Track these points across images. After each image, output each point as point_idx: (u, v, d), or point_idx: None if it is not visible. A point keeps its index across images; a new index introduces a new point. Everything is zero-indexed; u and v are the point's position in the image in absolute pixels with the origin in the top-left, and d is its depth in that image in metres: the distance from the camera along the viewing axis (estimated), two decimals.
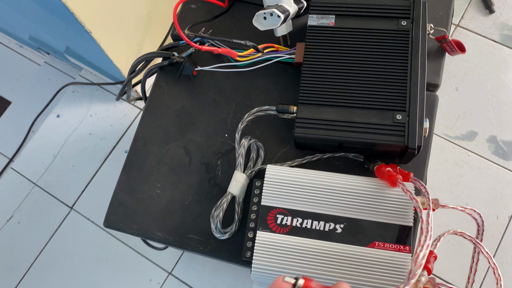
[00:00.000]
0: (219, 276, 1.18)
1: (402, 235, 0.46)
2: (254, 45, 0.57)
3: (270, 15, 0.53)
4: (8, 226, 1.30)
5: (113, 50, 1.08)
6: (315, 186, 0.49)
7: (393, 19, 0.53)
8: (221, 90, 0.60)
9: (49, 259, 1.26)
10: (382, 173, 0.48)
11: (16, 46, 1.57)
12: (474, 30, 1.36)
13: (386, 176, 0.47)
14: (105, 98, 1.41)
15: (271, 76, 0.60)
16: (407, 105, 0.49)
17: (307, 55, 0.53)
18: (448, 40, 0.56)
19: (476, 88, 1.29)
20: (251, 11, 0.58)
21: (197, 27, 0.62)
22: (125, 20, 1.08)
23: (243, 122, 0.55)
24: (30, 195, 1.33)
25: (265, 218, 0.48)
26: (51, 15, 0.99)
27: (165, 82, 0.62)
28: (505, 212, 1.18)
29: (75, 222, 1.29)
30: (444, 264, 1.15)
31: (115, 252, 1.24)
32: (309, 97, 0.51)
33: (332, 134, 0.49)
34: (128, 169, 0.59)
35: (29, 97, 1.48)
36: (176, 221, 0.55)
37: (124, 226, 0.56)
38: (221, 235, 0.52)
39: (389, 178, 0.47)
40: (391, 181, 0.46)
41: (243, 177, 0.53)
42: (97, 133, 1.37)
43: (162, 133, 0.59)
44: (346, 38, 0.53)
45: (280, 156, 0.56)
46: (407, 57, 0.51)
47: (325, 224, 0.47)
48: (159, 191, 0.57)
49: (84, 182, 1.33)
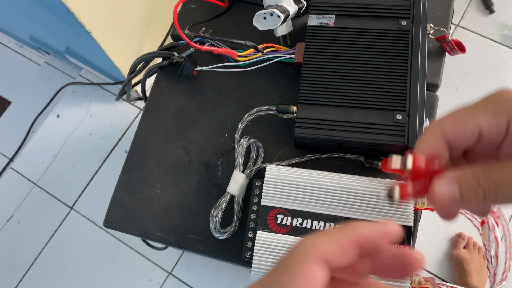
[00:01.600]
0: (219, 276, 1.18)
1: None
2: (254, 45, 0.57)
3: (270, 15, 0.53)
4: (8, 226, 1.31)
5: (113, 50, 1.08)
6: (315, 186, 0.49)
7: (393, 19, 0.53)
8: (221, 90, 0.60)
9: (49, 259, 1.26)
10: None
11: (16, 46, 1.57)
12: (474, 30, 1.36)
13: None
14: (105, 98, 1.41)
15: (271, 76, 0.60)
16: (407, 105, 0.49)
17: (307, 55, 0.53)
18: (448, 40, 0.56)
19: (476, 88, 1.29)
20: (251, 11, 0.58)
21: (197, 27, 0.62)
22: (125, 20, 1.08)
23: (243, 122, 0.55)
24: (30, 195, 1.33)
25: (265, 218, 0.48)
26: (51, 15, 0.99)
27: (165, 82, 0.62)
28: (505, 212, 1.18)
29: (75, 222, 1.29)
30: (444, 264, 1.15)
31: (115, 252, 1.25)
32: (309, 97, 0.51)
33: (332, 134, 0.49)
34: (128, 169, 0.59)
35: (29, 97, 1.48)
36: (176, 221, 0.55)
37: (124, 226, 0.56)
38: (220, 235, 0.52)
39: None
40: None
41: (242, 177, 0.53)
42: (97, 133, 1.37)
43: (162, 133, 0.59)
44: (346, 38, 0.53)
45: (280, 156, 0.56)
46: (407, 57, 0.51)
47: (325, 224, 0.47)
48: (159, 191, 0.57)
49: (84, 182, 1.33)
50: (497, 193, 0.21)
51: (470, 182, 0.22)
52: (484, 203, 0.22)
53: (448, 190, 0.23)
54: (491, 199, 0.22)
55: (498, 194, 0.21)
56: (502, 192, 0.21)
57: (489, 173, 0.22)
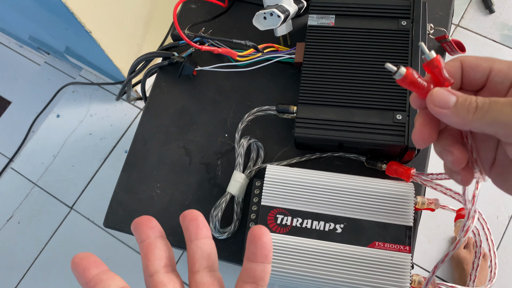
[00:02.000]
0: None
1: (402, 235, 0.46)
2: (254, 45, 0.57)
3: (270, 15, 0.53)
4: (8, 226, 1.31)
5: (113, 50, 1.08)
6: (315, 186, 0.49)
7: (393, 19, 0.53)
8: (221, 90, 0.60)
9: (49, 259, 1.26)
10: (395, 171, 0.49)
11: (16, 46, 1.57)
12: (474, 30, 1.36)
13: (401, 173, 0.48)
14: (105, 98, 1.41)
15: (271, 76, 0.60)
16: (407, 105, 0.49)
17: (307, 55, 0.53)
18: (448, 40, 0.56)
19: None
20: (251, 11, 0.58)
21: (197, 27, 0.62)
22: (125, 20, 1.08)
23: (243, 122, 0.55)
24: (30, 195, 1.33)
25: (265, 218, 0.48)
26: (51, 15, 0.99)
27: (165, 82, 0.62)
28: (505, 212, 1.18)
29: (75, 222, 1.29)
30: (444, 264, 1.15)
31: (115, 252, 1.25)
32: (309, 97, 0.51)
33: (332, 134, 0.49)
34: (128, 169, 0.59)
35: (29, 97, 1.48)
36: (176, 221, 0.55)
37: (124, 226, 0.56)
38: (220, 234, 0.52)
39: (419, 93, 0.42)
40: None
41: (242, 177, 0.53)
42: (97, 133, 1.37)
43: (162, 133, 0.59)
44: (346, 38, 0.53)
45: (280, 156, 0.56)
46: (407, 57, 0.51)
47: (325, 224, 0.47)
48: (159, 191, 0.57)
49: (84, 182, 1.33)
50: (488, 110, 0.24)
51: (467, 96, 0.25)
52: (473, 117, 0.24)
53: (447, 95, 0.25)
54: (480, 115, 0.24)
55: (488, 112, 0.24)
56: (492, 110, 0.24)
57: (488, 98, 0.24)
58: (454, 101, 0.25)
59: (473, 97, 0.25)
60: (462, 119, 0.24)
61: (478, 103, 0.24)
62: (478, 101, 0.24)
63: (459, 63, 0.27)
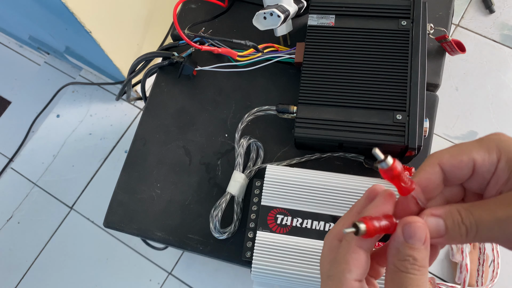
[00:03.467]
0: (219, 276, 1.18)
1: None
2: (254, 45, 0.57)
3: (270, 15, 0.53)
4: (8, 226, 1.30)
5: (113, 50, 1.08)
6: (315, 186, 0.49)
7: (393, 19, 0.53)
8: (221, 90, 0.60)
9: (49, 259, 1.26)
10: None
11: (16, 46, 1.57)
12: (474, 30, 1.36)
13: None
14: (105, 98, 1.41)
15: (271, 76, 0.60)
16: (407, 105, 0.49)
17: (307, 55, 0.53)
18: (448, 40, 0.56)
19: (476, 88, 1.29)
20: (251, 11, 0.58)
21: (197, 27, 0.62)
22: (125, 20, 1.08)
23: (243, 122, 0.55)
24: (30, 195, 1.33)
25: (265, 218, 0.48)
26: (51, 15, 0.99)
27: (165, 82, 0.62)
28: None
29: (75, 222, 1.29)
30: (444, 264, 1.15)
31: (115, 252, 1.25)
32: (309, 97, 0.51)
33: (332, 134, 0.49)
34: (128, 169, 0.59)
35: (29, 97, 1.48)
36: (176, 221, 0.55)
37: (124, 226, 0.56)
38: (220, 235, 0.52)
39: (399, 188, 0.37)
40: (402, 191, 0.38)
41: (242, 177, 0.53)
42: (97, 133, 1.37)
43: (162, 133, 0.59)
44: (346, 38, 0.53)
45: (280, 156, 0.56)
46: (407, 57, 0.51)
47: (325, 224, 0.47)
48: (159, 191, 0.57)
49: (84, 182, 1.33)
50: (477, 231, 0.23)
51: (454, 218, 0.24)
52: (467, 239, 0.24)
53: (435, 223, 0.25)
54: (472, 236, 0.23)
55: (478, 233, 0.23)
56: (482, 231, 0.23)
57: (471, 211, 0.24)
58: (444, 229, 0.24)
59: (459, 217, 0.24)
60: (458, 242, 0.24)
61: (466, 225, 0.24)
62: (466, 223, 0.24)
63: (437, 168, 0.26)
